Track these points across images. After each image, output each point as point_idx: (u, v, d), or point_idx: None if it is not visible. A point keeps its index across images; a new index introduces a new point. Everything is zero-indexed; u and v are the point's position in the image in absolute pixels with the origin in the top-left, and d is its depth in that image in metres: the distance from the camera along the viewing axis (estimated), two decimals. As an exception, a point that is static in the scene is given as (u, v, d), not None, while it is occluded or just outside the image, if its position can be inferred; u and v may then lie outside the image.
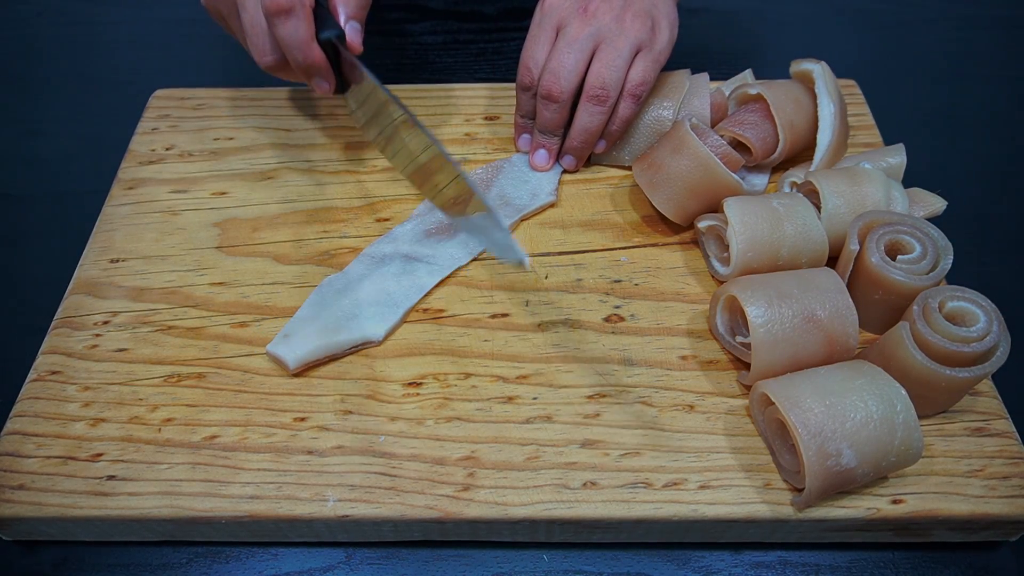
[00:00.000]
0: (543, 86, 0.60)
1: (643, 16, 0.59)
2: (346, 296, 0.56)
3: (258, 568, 0.49)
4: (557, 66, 0.59)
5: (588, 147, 0.63)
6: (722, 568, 0.49)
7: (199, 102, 0.71)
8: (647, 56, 0.60)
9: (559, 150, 0.64)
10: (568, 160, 0.64)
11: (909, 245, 0.52)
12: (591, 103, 0.59)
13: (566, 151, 0.63)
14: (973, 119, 0.76)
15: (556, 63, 0.59)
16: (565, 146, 0.63)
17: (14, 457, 0.49)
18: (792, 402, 0.45)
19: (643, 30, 0.59)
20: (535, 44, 0.61)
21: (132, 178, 0.65)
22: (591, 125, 0.60)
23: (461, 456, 0.49)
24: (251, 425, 0.51)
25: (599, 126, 0.61)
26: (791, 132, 0.61)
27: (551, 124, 0.61)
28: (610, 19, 0.59)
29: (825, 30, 0.85)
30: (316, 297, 0.56)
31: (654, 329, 0.55)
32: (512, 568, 0.49)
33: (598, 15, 0.59)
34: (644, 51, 0.60)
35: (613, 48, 0.58)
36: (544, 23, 0.61)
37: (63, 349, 0.54)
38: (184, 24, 0.85)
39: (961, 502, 0.47)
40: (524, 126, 0.65)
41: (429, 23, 0.84)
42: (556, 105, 0.60)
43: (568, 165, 0.64)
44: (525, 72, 0.61)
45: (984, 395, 0.52)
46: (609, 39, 0.59)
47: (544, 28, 0.61)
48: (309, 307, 0.56)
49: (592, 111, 0.60)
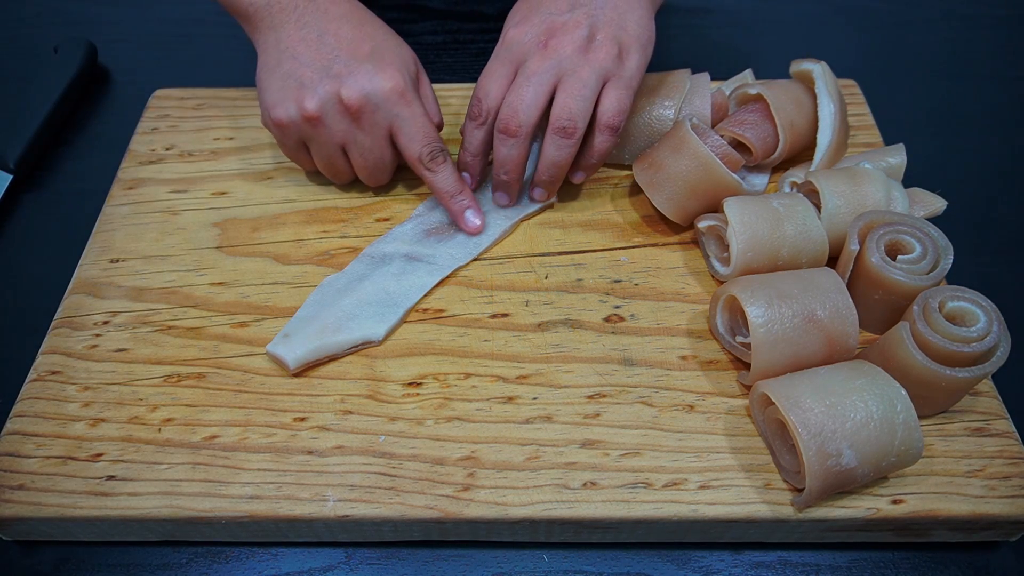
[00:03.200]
0: (500, 120, 0.56)
1: (608, 44, 0.56)
2: (346, 296, 0.56)
3: (258, 568, 0.49)
4: (515, 100, 0.55)
5: (558, 180, 0.59)
6: (722, 568, 0.49)
7: (199, 102, 0.71)
8: (617, 84, 0.56)
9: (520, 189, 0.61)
10: (539, 192, 0.61)
11: (909, 245, 0.52)
12: (558, 136, 0.56)
13: (536, 184, 0.60)
14: (973, 119, 0.76)
15: (514, 97, 0.56)
16: (535, 179, 0.60)
17: (14, 457, 0.49)
18: (792, 402, 0.45)
19: (608, 59, 0.56)
20: (489, 77, 0.57)
21: (132, 178, 0.65)
22: (559, 159, 0.57)
23: (461, 456, 0.49)
24: (251, 425, 0.51)
25: (567, 159, 0.57)
26: (791, 132, 0.61)
27: (509, 161, 0.58)
28: (572, 51, 0.55)
29: (825, 30, 0.85)
30: (316, 297, 0.56)
31: (654, 329, 0.55)
32: (512, 568, 0.49)
33: (559, 49, 0.55)
34: (613, 80, 0.56)
35: (577, 79, 0.55)
36: (502, 56, 0.57)
37: (63, 349, 0.54)
38: (184, 24, 0.85)
39: (961, 502, 0.47)
40: (466, 163, 0.60)
41: (429, 23, 0.84)
42: (514, 141, 0.56)
43: (540, 197, 0.61)
44: (475, 103, 0.58)
45: (984, 395, 0.52)
46: (572, 71, 0.55)
47: (502, 61, 0.57)
48: (309, 307, 0.56)
49: (560, 144, 0.56)
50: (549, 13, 0.57)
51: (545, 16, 0.57)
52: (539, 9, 0.58)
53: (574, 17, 0.56)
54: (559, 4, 0.57)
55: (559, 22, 0.56)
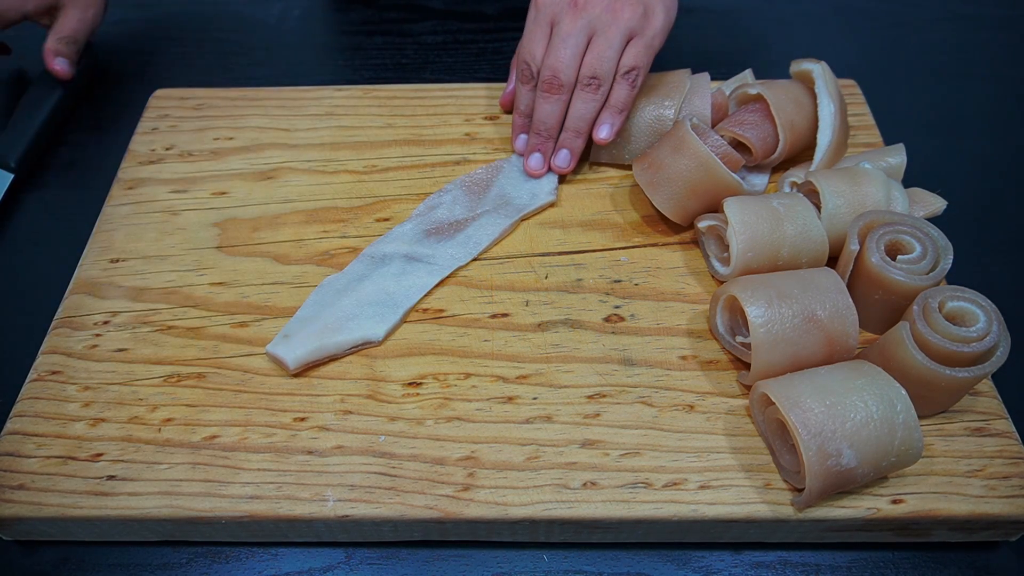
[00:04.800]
0: (543, 80, 0.61)
1: (635, 3, 0.60)
2: (346, 296, 0.56)
3: (258, 568, 0.49)
4: (554, 61, 0.60)
5: (582, 136, 0.62)
6: (722, 568, 0.49)
7: (199, 102, 0.71)
8: (639, 42, 0.60)
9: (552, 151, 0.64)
10: (563, 156, 0.63)
11: (909, 245, 0.52)
12: (585, 91, 0.60)
13: (561, 145, 0.63)
14: (973, 119, 0.76)
15: (553, 58, 0.60)
16: (560, 140, 0.63)
17: (14, 457, 0.49)
18: (792, 402, 0.45)
19: (634, 17, 0.60)
20: (531, 40, 0.62)
21: (132, 178, 0.65)
22: (585, 112, 0.61)
23: (461, 456, 0.49)
24: (251, 425, 0.51)
25: (593, 113, 0.61)
26: (791, 132, 0.61)
27: (549, 117, 0.62)
28: (601, 9, 0.60)
29: (825, 30, 0.85)
30: (316, 297, 0.56)
31: (654, 329, 0.55)
32: (512, 568, 0.49)
33: (588, 7, 0.60)
34: (636, 37, 0.60)
35: (604, 39, 0.60)
36: (539, 19, 0.62)
37: (63, 349, 0.54)
38: (184, 24, 0.85)
39: (961, 502, 0.47)
40: (522, 125, 0.65)
41: (429, 23, 0.84)
42: (555, 97, 0.61)
43: (562, 162, 0.63)
44: (524, 67, 0.63)
45: (984, 395, 0.52)
46: (601, 29, 0.60)
47: (539, 24, 0.62)
48: (309, 307, 0.56)
49: (585, 98, 0.61)
50: None
51: None
52: None
53: None
54: None
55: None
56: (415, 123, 0.69)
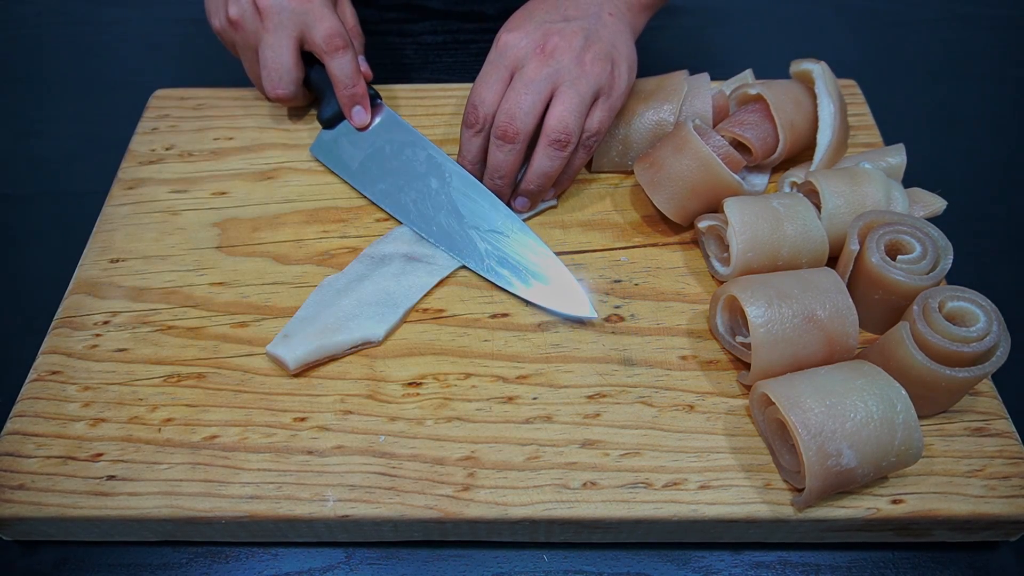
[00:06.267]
0: (498, 126, 0.56)
1: (603, 59, 0.56)
2: (346, 296, 0.56)
3: (258, 568, 0.49)
4: (513, 107, 0.56)
5: (544, 191, 0.59)
6: (722, 568, 0.49)
7: (199, 102, 0.71)
8: (605, 104, 0.57)
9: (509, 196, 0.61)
10: (521, 201, 0.60)
11: (909, 245, 0.52)
12: (552, 147, 0.56)
13: (520, 192, 0.60)
14: (973, 119, 0.76)
15: (512, 104, 0.56)
16: (520, 188, 0.59)
17: (14, 457, 0.49)
18: (792, 402, 0.45)
19: (603, 74, 0.56)
20: (485, 84, 0.57)
21: (132, 178, 0.65)
22: (550, 169, 0.57)
23: (461, 456, 0.49)
24: (251, 425, 0.51)
25: (557, 170, 0.57)
26: (791, 132, 0.61)
27: (505, 166, 0.58)
28: (569, 60, 0.55)
29: (825, 30, 0.85)
30: (316, 297, 0.56)
31: (654, 329, 0.55)
32: (512, 568, 0.49)
33: (556, 55, 0.56)
34: (603, 97, 0.57)
35: (575, 92, 0.55)
36: (498, 62, 0.57)
37: (63, 349, 0.54)
38: (184, 24, 0.85)
39: (961, 502, 0.47)
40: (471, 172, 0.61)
41: (429, 23, 0.84)
42: (511, 147, 0.56)
43: (521, 207, 0.61)
44: (471, 110, 0.58)
45: (984, 395, 0.52)
46: (569, 81, 0.55)
47: (497, 67, 0.57)
48: (309, 307, 0.56)
49: (552, 155, 0.56)
50: (544, 21, 0.58)
51: (540, 23, 0.58)
52: (532, 17, 0.59)
53: (570, 27, 0.57)
54: (552, 15, 0.58)
55: (555, 28, 0.57)
56: (415, 123, 0.69)
